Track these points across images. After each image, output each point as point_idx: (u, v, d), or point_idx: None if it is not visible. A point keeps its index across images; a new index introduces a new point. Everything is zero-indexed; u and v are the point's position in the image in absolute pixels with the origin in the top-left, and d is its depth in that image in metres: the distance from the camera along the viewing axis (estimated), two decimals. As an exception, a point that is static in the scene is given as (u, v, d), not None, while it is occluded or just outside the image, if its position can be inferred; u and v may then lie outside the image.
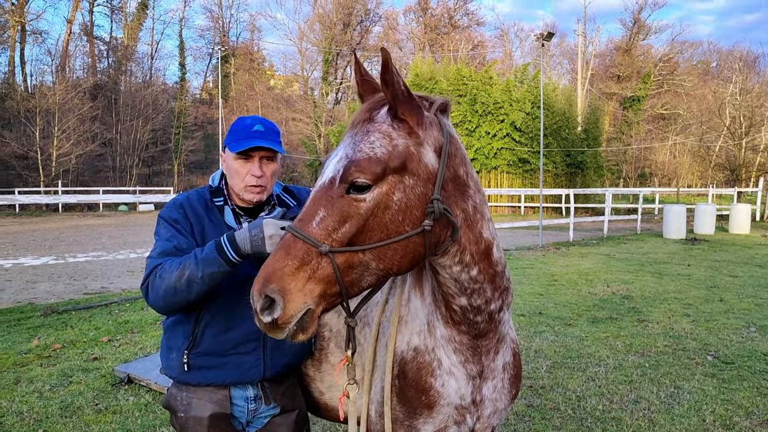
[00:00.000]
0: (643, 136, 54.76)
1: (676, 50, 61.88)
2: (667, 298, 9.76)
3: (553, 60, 63.09)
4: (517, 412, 4.89)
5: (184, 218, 2.36)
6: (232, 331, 2.31)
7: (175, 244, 2.28)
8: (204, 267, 2.08)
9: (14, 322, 7.96)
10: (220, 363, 2.31)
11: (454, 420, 2.14)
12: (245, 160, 2.35)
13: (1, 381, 5.61)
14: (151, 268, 2.22)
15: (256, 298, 1.67)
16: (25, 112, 42.12)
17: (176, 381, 2.40)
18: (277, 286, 1.63)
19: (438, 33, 62.91)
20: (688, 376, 5.79)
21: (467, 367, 2.12)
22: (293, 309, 1.64)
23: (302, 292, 1.65)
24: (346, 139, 1.82)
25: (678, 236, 20.32)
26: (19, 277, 12.17)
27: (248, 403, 2.40)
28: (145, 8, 58.64)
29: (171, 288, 2.13)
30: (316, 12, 60.75)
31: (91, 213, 37.23)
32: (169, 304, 2.18)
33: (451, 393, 2.11)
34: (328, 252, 1.65)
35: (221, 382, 2.33)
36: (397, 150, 1.74)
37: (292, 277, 1.64)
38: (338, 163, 1.74)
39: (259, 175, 2.35)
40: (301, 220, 1.70)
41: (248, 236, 2.07)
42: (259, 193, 2.38)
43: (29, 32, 51.22)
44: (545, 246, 17.61)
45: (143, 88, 54.25)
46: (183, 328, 2.34)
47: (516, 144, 36.79)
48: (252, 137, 2.33)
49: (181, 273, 2.11)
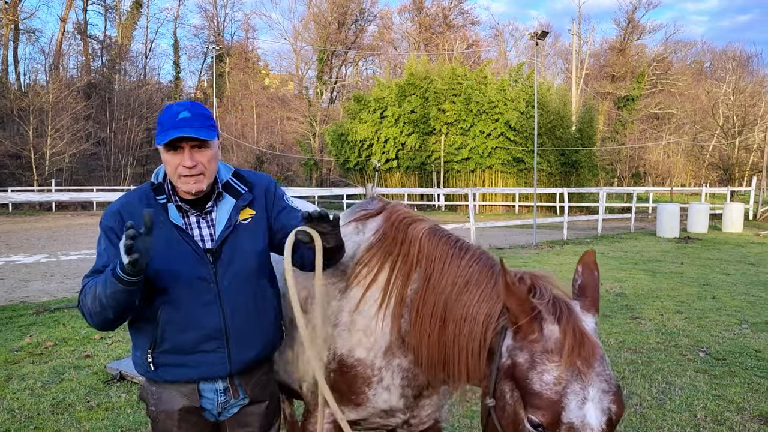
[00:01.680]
0: (637, 135, 54.89)
1: (670, 50, 62.06)
2: (660, 295, 9.80)
3: (547, 60, 63.26)
4: (509, 407, 4.90)
5: (120, 226, 2.20)
6: (189, 330, 2.23)
7: (104, 261, 2.19)
8: (105, 288, 2.03)
9: (6, 320, 7.94)
10: (185, 361, 2.25)
11: (379, 417, 2.35)
12: (175, 152, 2.20)
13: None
14: (82, 288, 2.19)
15: None
16: (18, 110, 41.91)
17: (147, 379, 2.36)
18: None
19: (433, 32, 62.94)
20: (680, 372, 5.81)
21: (405, 390, 2.30)
22: None
23: None
24: (587, 375, 1.67)
25: (671, 235, 20.39)
26: (12, 275, 12.12)
27: (218, 396, 2.34)
28: (140, 7, 58.46)
29: (89, 309, 2.11)
30: (311, 11, 60.72)
31: (85, 212, 37.09)
32: (97, 324, 2.15)
33: (380, 402, 2.32)
34: None
35: (187, 379, 2.28)
36: None
37: None
38: (605, 399, 1.66)
39: (191, 166, 2.18)
40: None
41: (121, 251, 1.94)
42: (197, 182, 2.22)
43: (22, 31, 50.98)
44: (539, 244, 17.64)
45: (137, 87, 54.09)
46: (144, 326, 2.27)
47: (510, 143, 36.85)
48: (177, 126, 2.16)
49: (93, 295, 2.07)
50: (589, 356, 1.67)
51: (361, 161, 42.56)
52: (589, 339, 1.70)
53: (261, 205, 2.42)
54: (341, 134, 43.29)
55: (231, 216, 2.33)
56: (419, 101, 39.57)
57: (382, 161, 40.55)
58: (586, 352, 1.67)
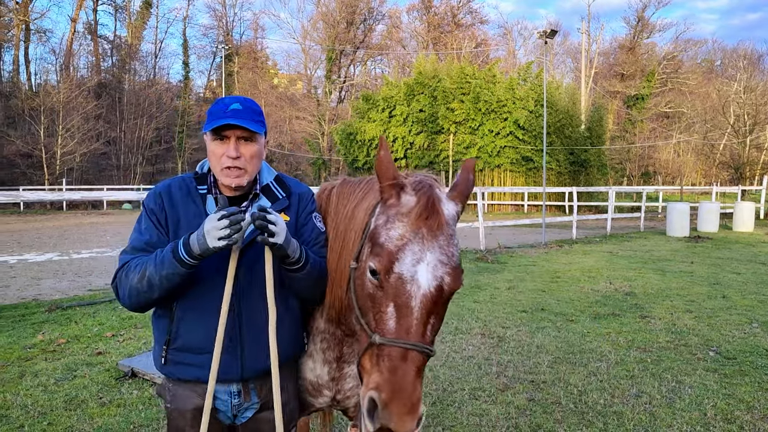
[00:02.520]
0: (647, 134, 54.65)
1: (680, 48, 61.75)
2: (669, 294, 9.76)
3: (556, 58, 63.06)
4: (518, 405, 4.91)
5: (161, 209, 2.27)
6: (202, 328, 2.20)
7: (146, 239, 2.22)
8: (160, 269, 2.05)
9: (19, 318, 8.02)
10: (197, 361, 2.21)
11: (309, 393, 2.54)
12: (221, 141, 2.20)
13: (7, 375, 5.65)
14: (121, 265, 2.20)
15: (413, 422, 1.67)
16: (30, 110, 42.23)
17: (164, 375, 2.36)
18: (420, 407, 1.71)
19: (441, 31, 62.89)
20: (689, 371, 5.80)
21: (326, 354, 2.47)
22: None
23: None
24: (423, 239, 1.82)
25: (681, 234, 20.30)
26: (24, 273, 12.23)
27: (231, 398, 2.31)
28: (149, 7, 58.72)
29: (134, 288, 2.11)
30: (320, 10, 60.81)
31: (95, 211, 37.34)
32: (134, 303, 2.17)
33: (307, 372, 2.51)
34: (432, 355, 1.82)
35: (198, 379, 2.23)
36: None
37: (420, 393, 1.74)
38: (440, 268, 1.80)
39: (235, 156, 2.18)
40: (420, 333, 1.77)
41: (195, 235, 2.01)
42: (238, 177, 2.21)
43: (33, 31, 51.37)
44: (548, 244, 17.61)
45: (147, 86, 54.36)
46: (162, 321, 2.28)
47: (519, 142, 36.75)
48: (226, 116, 2.17)
49: (143, 274, 2.09)
50: (435, 227, 1.83)
51: (369, 160, 42.55)
52: (438, 213, 1.86)
53: (294, 213, 2.40)
54: (350, 133, 43.33)
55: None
56: (428, 100, 39.54)
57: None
58: (432, 222, 1.83)
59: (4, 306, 8.73)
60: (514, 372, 5.77)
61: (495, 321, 7.87)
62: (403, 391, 1.66)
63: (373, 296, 1.86)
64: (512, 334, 7.19)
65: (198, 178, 2.33)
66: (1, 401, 4.97)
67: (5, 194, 10.34)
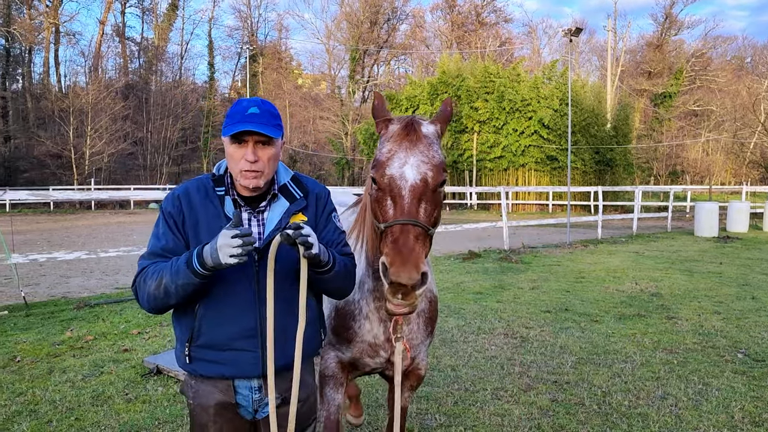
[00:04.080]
0: (675, 133, 53.78)
1: (709, 45, 60.64)
2: (697, 295, 9.61)
3: (581, 57, 62.38)
4: (541, 406, 4.88)
5: (179, 212, 2.31)
6: (225, 326, 2.26)
7: (162, 245, 2.27)
8: (176, 278, 2.12)
9: (48, 315, 8.18)
10: (219, 358, 2.27)
11: (368, 354, 2.83)
12: (239, 145, 2.24)
13: (36, 371, 5.77)
14: (139, 270, 2.26)
15: (412, 275, 2.03)
16: (59, 111, 43.02)
17: (187, 372, 2.40)
18: (423, 264, 2.08)
19: (465, 30, 62.60)
20: (717, 374, 5.70)
21: (380, 312, 2.74)
22: (430, 278, 2.20)
23: (426, 265, 2.13)
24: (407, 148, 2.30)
25: (710, 234, 19.96)
26: (54, 271, 12.47)
27: (252, 393, 2.36)
28: (176, 9, 59.43)
29: (152, 294, 2.18)
30: (344, 10, 60.92)
31: (123, 210, 37.90)
32: (153, 308, 2.23)
33: (365, 333, 2.79)
34: (432, 233, 2.24)
35: (220, 375, 2.30)
36: (445, 155, 2.39)
37: (425, 256, 2.15)
38: (422, 166, 2.25)
39: (253, 160, 2.23)
40: (412, 213, 2.18)
41: (209, 249, 2.07)
42: (255, 179, 2.26)
43: (63, 34, 52.32)
44: (572, 243, 17.44)
45: (173, 87, 55.03)
46: (184, 320, 2.32)
47: (544, 141, 36.47)
48: (245, 121, 2.21)
49: (159, 281, 2.15)
50: (414, 139, 2.31)
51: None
52: (417, 130, 2.33)
53: (312, 213, 2.44)
54: (373, 133, 43.33)
55: (282, 219, 2.35)
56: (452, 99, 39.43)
57: (414, 160, 40.48)
58: (412, 136, 2.31)
59: (34, 303, 8.91)
60: (537, 372, 5.73)
61: (518, 321, 7.83)
62: (402, 252, 2.06)
63: (377, 200, 2.32)
64: (535, 335, 7.13)
65: (216, 180, 2.36)
66: (31, 396, 5.07)
67: (36, 194, 10.57)
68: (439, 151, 2.33)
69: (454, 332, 7.23)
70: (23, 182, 40.26)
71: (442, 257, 14.42)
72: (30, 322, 7.76)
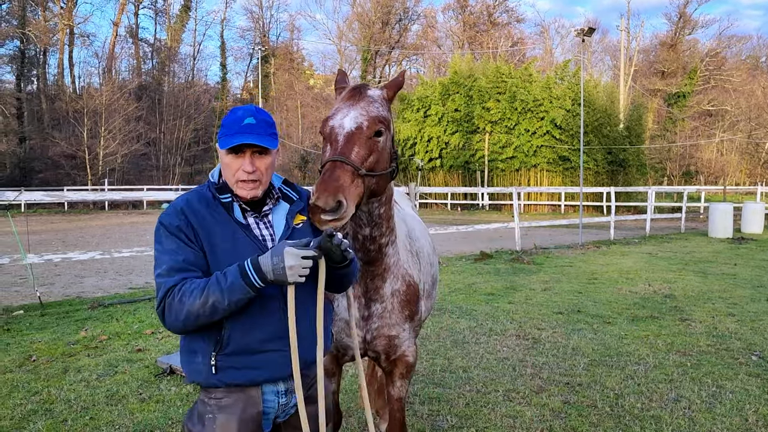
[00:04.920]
0: (689, 133, 53.42)
1: (724, 45, 60.23)
2: (711, 297, 9.54)
3: (594, 56, 62.08)
4: (553, 408, 4.87)
5: (187, 225, 2.25)
6: (257, 329, 2.25)
7: (183, 258, 2.20)
8: (230, 295, 2.09)
9: (63, 315, 8.26)
10: (249, 362, 2.25)
11: (345, 333, 2.92)
12: (236, 155, 2.26)
13: (51, 370, 5.83)
14: (166, 289, 2.16)
15: (328, 200, 2.20)
16: (74, 112, 43.43)
17: (203, 386, 2.31)
18: (344, 195, 2.24)
19: (477, 30, 62.52)
20: (731, 376, 5.66)
21: (354, 288, 2.82)
22: (350, 211, 2.27)
23: (353, 200, 2.30)
24: (350, 105, 2.52)
25: (724, 235, 19.79)
26: (68, 271, 12.58)
27: (278, 398, 2.36)
28: (188, 10, 59.83)
29: (194, 314, 2.11)
30: (355, 11, 61.08)
31: (136, 211, 38.18)
32: (188, 327, 2.16)
33: (342, 311, 2.89)
34: (364, 174, 2.36)
35: (251, 381, 2.28)
36: (388, 114, 2.56)
37: (350, 190, 2.28)
38: (359, 117, 2.45)
39: (251, 171, 2.26)
40: (343, 152, 2.36)
41: (270, 264, 2.07)
42: (253, 189, 2.29)
43: (77, 35, 52.84)
44: (585, 244, 17.37)
45: (186, 88, 55.38)
46: (208, 330, 2.23)
47: (556, 141, 36.34)
48: (242, 132, 2.23)
49: (205, 300, 2.09)
50: (357, 98, 2.54)
51: (404, 160, 42.56)
52: (361, 93, 2.56)
53: (306, 213, 2.49)
54: (384, 133, 43.36)
55: (287, 219, 2.40)
56: (463, 100, 39.37)
57: (426, 160, 40.49)
58: (355, 96, 2.55)
59: (49, 303, 9.00)
60: (549, 374, 5.72)
61: (530, 322, 7.81)
62: (325, 181, 2.25)
63: (322, 150, 2.52)
64: (547, 336, 7.11)
65: (219, 188, 2.34)
66: (46, 396, 5.13)
67: (51, 195, 10.64)
68: (380, 109, 2.52)
69: (465, 333, 7.22)
70: (38, 183, 40.64)
71: (453, 258, 14.40)
72: (45, 322, 7.84)
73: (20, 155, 42.98)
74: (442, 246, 16.72)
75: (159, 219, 2.31)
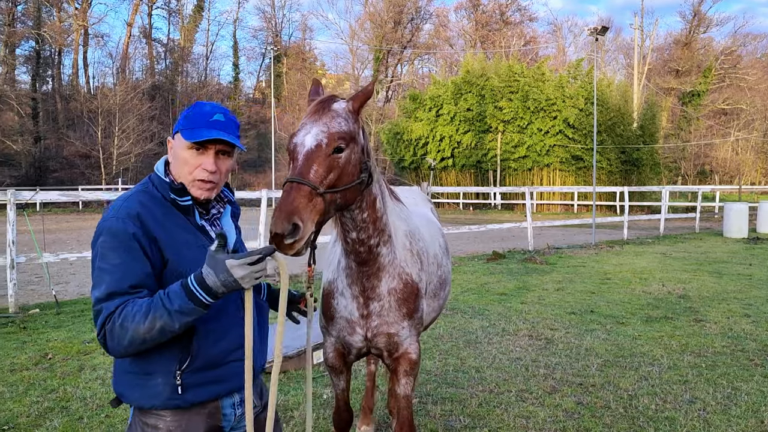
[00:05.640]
0: (703, 132, 52.95)
1: (739, 43, 59.60)
2: (726, 298, 9.46)
3: (608, 55, 61.71)
4: (566, 408, 4.85)
5: (144, 233, 2.02)
6: (222, 341, 2.12)
7: (128, 280, 1.96)
8: (180, 318, 1.91)
9: (78, 313, 8.33)
10: (216, 376, 2.11)
11: (347, 331, 2.99)
12: (198, 151, 2.11)
13: (67, 368, 5.89)
14: (105, 317, 1.93)
15: (284, 225, 2.08)
16: (88, 112, 43.84)
17: (157, 409, 2.08)
18: (298, 217, 2.14)
19: (489, 29, 62.33)
20: (746, 377, 5.62)
21: (352, 288, 2.91)
22: (308, 230, 2.19)
23: (311, 221, 2.21)
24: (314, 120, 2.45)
25: (739, 235, 19.62)
26: (83, 270, 12.69)
27: (235, 410, 2.22)
28: (201, 10, 60.13)
29: (139, 339, 1.91)
30: (367, 11, 61.06)
31: (150, 210, 38.40)
32: (134, 350, 1.96)
33: (342, 309, 2.97)
34: (323, 193, 2.28)
35: (217, 395, 2.13)
36: (352, 127, 2.48)
37: (306, 211, 2.19)
38: (320, 135, 2.39)
39: (212, 171, 2.12)
40: (301, 173, 2.27)
41: (218, 281, 1.89)
42: (209, 191, 2.16)
43: (91, 36, 53.30)
44: (598, 244, 17.27)
45: (198, 88, 55.70)
46: (168, 348, 2.03)
47: (569, 141, 36.17)
48: (211, 127, 2.09)
49: (152, 325, 1.89)
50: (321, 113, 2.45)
51: (416, 160, 42.56)
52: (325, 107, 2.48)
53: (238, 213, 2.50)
54: (396, 133, 43.40)
55: (234, 222, 2.37)
56: (475, 99, 39.28)
57: (438, 160, 40.45)
58: (319, 111, 2.46)
59: (64, 302, 9.09)
60: (562, 374, 5.70)
61: (543, 323, 7.78)
62: (281, 205, 2.15)
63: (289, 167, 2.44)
64: (560, 336, 7.09)
65: (179, 191, 2.14)
66: (62, 393, 5.18)
67: (67, 194, 10.76)
68: (342, 123, 2.45)
69: (478, 333, 7.21)
70: (53, 182, 41.04)
71: (466, 258, 14.38)
72: (61, 320, 7.92)
73: (35, 155, 43.43)
74: (454, 245, 16.70)
75: (103, 225, 2.04)
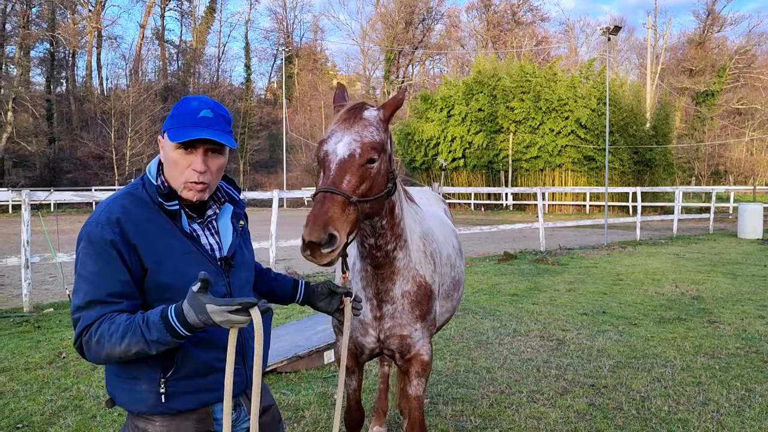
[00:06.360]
0: (717, 132, 52.49)
1: (754, 42, 59.01)
2: (740, 299, 9.37)
3: (620, 55, 61.38)
4: (578, 410, 4.83)
5: (123, 240, 1.93)
6: (212, 349, 2.05)
7: (106, 288, 1.90)
8: (158, 347, 1.85)
9: (91, 312, 8.39)
10: (204, 384, 2.04)
11: (360, 332, 3.00)
12: (186, 151, 2.00)
13: (81, 367, 5.94)
14: (82, 328, 1.89)
15: (320, 234, 2.11)
16: (101, 114, 44.19)
17: (145, 415, 2.04)
18: (334, 227, 2.18)
19: (501, 29, 62.18)
20: (761, 379, 5.56)
21: (366, 291, 2.94)
22: (343, 241, 2.23)
23: (345, 230, 2.24)
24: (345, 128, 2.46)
25: (754, 236, 19.44)
26: (96, 270, 12.77)
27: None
28: (213, 12, 60.45)
29: (115, 356, 1.87)
30: (379, 11, 61.13)
31: (162, 210, 38.62)
32: (112, 363, 1.97)
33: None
34: (357, 201, 2.31)
35: (206, 403, 2.07)
36: (383, 137, 2.50)
37: (341, 221, 2.22)
38: (353, 143, 2.40)
39: (202, 171, 2.01)
40: (335, 182, 2.30)
41: (198, 320, 1.79)
42: (201, 191, 2.04)
43: (105, 37, 53.71)
44: (610, 245, 17.18)
45: (211, 89, 55.98)
46: (153, 357, 1.94)
47: (581, 141, 36.00)
48: (197, 125, 1.98)
49: (128, 348, 1.84)
50: (352, 121, 2.47)
51: (427, 160, 42.53)
52: (355, 115, 2.49)
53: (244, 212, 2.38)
54: (408, 133, 43.38)
55: (233, 223, 2.23)
56: (487, 99, 39.19)
57: (449, 160, 40.40)
58: (350, 119, 2.48)
59: (77, 301, 9.15)
60: (573, 375, 5.67)
61: (554, 323, 7.75)
62: (315, 215, 2.18)
63: (317, 173, 2.47)
64: (572, 337, 7.06)
65: (167, 195, 2.04)
66: (76, 392, 5.23)
67: (80, 194, 10.84)
68: (375, 133, 2.46)
69: (489, 334, 7.20)
70: (67, 183, 41.41)
71: (477, 258, 14.35)
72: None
73: (50, 156, 43.85)
74: (466, 246, 16.64)
75: (83, 231, 1.98)
